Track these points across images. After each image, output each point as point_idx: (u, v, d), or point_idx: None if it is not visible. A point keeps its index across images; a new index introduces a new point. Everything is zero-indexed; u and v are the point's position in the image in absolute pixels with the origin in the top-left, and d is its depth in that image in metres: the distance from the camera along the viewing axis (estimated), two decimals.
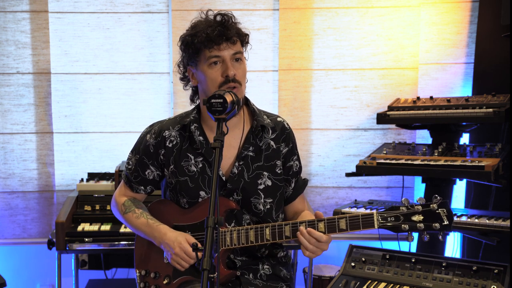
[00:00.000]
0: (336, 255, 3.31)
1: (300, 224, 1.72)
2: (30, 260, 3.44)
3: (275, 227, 1.75)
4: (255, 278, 1.90)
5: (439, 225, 1.60)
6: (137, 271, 1.98)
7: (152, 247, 1.93)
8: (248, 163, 1.88)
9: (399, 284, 2.14)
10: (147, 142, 1.93)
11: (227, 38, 1.75)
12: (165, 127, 1.93)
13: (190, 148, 1.89)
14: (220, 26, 1.75)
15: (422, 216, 1.62)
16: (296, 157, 1.98)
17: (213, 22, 1.77)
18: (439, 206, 1.62)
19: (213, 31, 1.73)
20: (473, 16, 3.22)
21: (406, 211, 1.64)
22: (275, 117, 1.97)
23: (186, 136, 1.90)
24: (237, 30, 1.80)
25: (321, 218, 1.71)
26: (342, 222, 1.69)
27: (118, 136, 3.40)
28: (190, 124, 1.89)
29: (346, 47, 3.32)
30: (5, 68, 3.31)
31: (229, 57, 1.77)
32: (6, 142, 3.35)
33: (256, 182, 1.88)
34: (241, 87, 1.80)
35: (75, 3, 3.32)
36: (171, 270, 1.88)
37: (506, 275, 2.01)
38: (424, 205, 1.63)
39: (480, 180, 2.46)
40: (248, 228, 1.78)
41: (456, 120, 2.68)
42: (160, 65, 3.37)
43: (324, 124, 3.37)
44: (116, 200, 2.02)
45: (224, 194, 1.87)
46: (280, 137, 1.93)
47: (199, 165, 1.88)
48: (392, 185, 3.36)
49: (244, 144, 1.88)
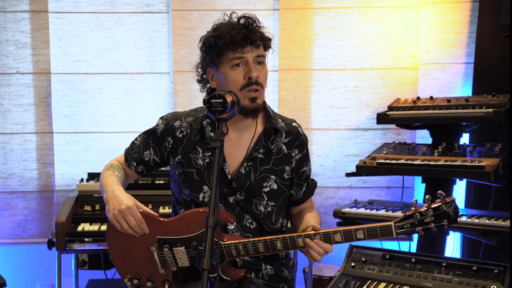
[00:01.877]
0: (336, 255, 3.29)
1: (314, 236, 1.72)
2: (30, 260, 3.44)
3: (287, 240, 1.74)
4: (257, 278, 1.89)
5: (447, 221, 1.69)
6: (126, 279, 1.87)
7: (134, 252, 1.84)
8: (257, 164, 1.88)
9: (399, 284, 2.14)
10: (157, 126, 1.94)
11: (251, 42, 1.74)
12: (178, 117, 1.93)
13: (199, 141, 1.89)
14: (245, 29, 1.74)
15: (434, 217, 1.70)
16: (308, 162, 1.99)
17: (237, 25, 1.76)
18: (448, 207, 1.69)
19: (237, 34, 1.72)
20: (473, 16, 3.22)
21: (420, 218, 1.70)
22: (290, 122, 1.97)
23: (197, 128, 1.90)
24: (261, 34, 1.79)
25: (337, 230, 1.72)
26: (359, 233, 1.72)
27: (118, 136, 3.40)
28: (203, 119, 1.89)
29: (346, 47, 3.32)
30: (5, 68, 3.31)
31: (252, 59, 1.76)
32: (6, 142, 3.35)
33: (261, 184, 1.88)
34: (262, 90, 1.80)
35: (75, 3, 3.32)
36: (170, 275, 1.84)
37: (506, 275, 2.00)
38: (435, 209, 1.69)
39: (480, 180, 2.46)
40: (256, 241, 1.75)
41: (456, 120, 2.68)
42: (160, 65, 3.37)
43: (324, 124, 3.37)
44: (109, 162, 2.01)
45: (227, 192, 1.87)
46: (294, 143, 1.93)
47: (206, 160, 1.88)
48: (392, 185, 3.36)
49: (255, 146, 1.88)
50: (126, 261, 1.88)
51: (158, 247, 1.82)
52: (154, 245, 1.82)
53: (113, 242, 1.89)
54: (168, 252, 1.81)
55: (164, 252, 1.82)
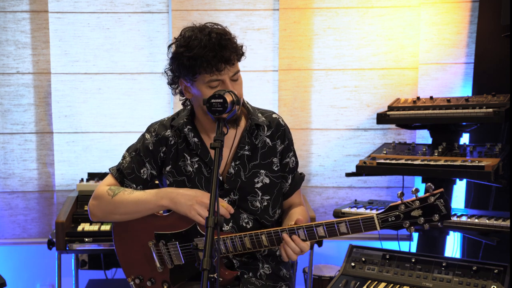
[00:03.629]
0: (336, 255, 3.31)
1: (298, 229, 1.71)
2: (30, 260, 3.44)
3: (271, 233, 1.73)
4: (254, 278, 1.89)
5: (438, 216, 1.62)
6: (130, 279, 1.91)
7: (137, 250, 1.88)
8: (245, 162, 1.88)
9: (399, 284, 2.14)
10: (146, 141, 1.92)
11: (226, 61, 1.71)
12: (165, 126, 1.93)
13: (186, 148, 1.90)
14: (219, 48, 1.69)
15: (421, 210, 1.63)
16: (292, 153, 1.97)
17: (209, 43, 1.69)
18: (437, 198, 1.62)
19: (213, 56, 1.68)
20: (473, 16, 3.22)
21: (405, 209, 1.64)
22: (270, 114, 1.96)
23: (182, 136, 1.90)
24: (234, 48, 1.74)
25: (319, 223, 1.70)
26: (342, 226, 1.68)
27: (118, 136, 3.40)
28: (184, 126, 1.89)
29: (346, 47, 3.32)
30: (5, 68, 3.31)
31: (228, 78, 1.74)
32: (6, 142, 3.35)
33: (253, 181, 1.89)
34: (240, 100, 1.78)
35: (75, 3, 3.32)
36: (168, 275, 1.86)
37: (506, 275, 2.01)
38: (421, 200, 1.63)
39: (480, 180, 2.46)
40: (242, 236, 1.76)
41: (456, 120, 2.68)
42: (160, 65, 3.36)
43: (324, 124, 3.37)
44: (98, 191, 1.88)
45: (221, 194, 1.87)
46: (276, 134, 1.93)
47: (195, 165, 1.88)
48: (392, 185, 3.36)
49: (240, 144, 1.88)
50: (130, 260, 1.91)
51: (155, 243, 1.84)
52: (152, 240, 1.84)
53: (119, 241, 1.92)
54: (163, 247, 1.83)
55: (160, 248, 1.84)
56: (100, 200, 1.86)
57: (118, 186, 1.90)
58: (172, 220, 1.83)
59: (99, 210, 1.87)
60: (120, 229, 1.92)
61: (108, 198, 1.84)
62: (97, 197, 1.88)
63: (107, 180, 1.93)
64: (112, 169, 1.94)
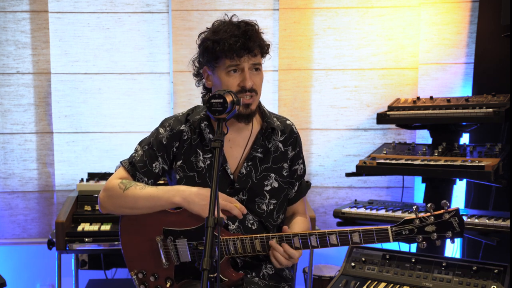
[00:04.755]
0: (336, 255, 3.31)
1: (310, 235, 1.71)
2: (30, 260, 3.44)
3: (283, 237, 1.74)
4: (257, 278, 1.90)
5: (452, 233, 1.63)
6: (133, 273, 1.91)
7: (143, 244, 1.88)
8: (257, 164, 1.90)
9: (399, 284, 2.14)
10: (160, 135, 1.91)
11: (249, 51, 1.74)
12: (180, 121, 1.92)
13: (200, 144, 1.90)
14: (243, 37, 1.73)
15: (435, 226, 1.64)
16: (301, 161, 2.01)
17: (236, 31, 1.74)
18: (451, 216, 1.63)
19: (236, 42, 1.71)
20: (473, 16, 3.22)
21: (419, 224, 1.66)
22: (284, 120, 1.99)
23: (196, 132, 1.90)
24: (260, 42, 1.78)
25: (332, 231, 1.70)
26: (355, 236, 1.69)
27: (118, 136, 3.40)
28: (200, 121, 1.89)
29: (346, 47, 3.32)
30: (5, 68, 3.31)
31: (248, 67, 1.76)
32: (6, 142, 3.35)
33: (263, 183, 1.90)
34: (257, 96, 1.81)
35: (75, 3, 3.32)
36: (172, 272, 1.86)
37: (506, 275, 2.00)
38: (436, 216, 1.65)
39: (480, 180, 2.46)
40: (253, 238, 1.76)
41: (456, 120, 2.68)
42: (160, 65, 3.37)
43: (324, 124, 3.37)
44: (109, 183, 1.86)
45: (230, 193, 1.87)
46: (288, 140, 1.95)
47: (207, 162, 1.89)
48: (392, 185, 3.36)
49: (253, 145, 1.89)
50: (134, 254, 1.91)
51: (163, 238, 1.84)
52: (160, 235, 1.84)
53: (125, 233, 1.92)
54: (171, 243, 1.83)
55: (167, 244, 1.83)
56: (111, 193, 1.85)
57: (130, 179, 1.89)
58: (182, 217, 1.82)
59: (109, 203, 1.86)
60: (128, 221, 1.90)
61: (120, 192, 1.83)
62: (108, 190, 1.86)
63: (118, 173, 1.91)
64: (124, 162, 1.93)
